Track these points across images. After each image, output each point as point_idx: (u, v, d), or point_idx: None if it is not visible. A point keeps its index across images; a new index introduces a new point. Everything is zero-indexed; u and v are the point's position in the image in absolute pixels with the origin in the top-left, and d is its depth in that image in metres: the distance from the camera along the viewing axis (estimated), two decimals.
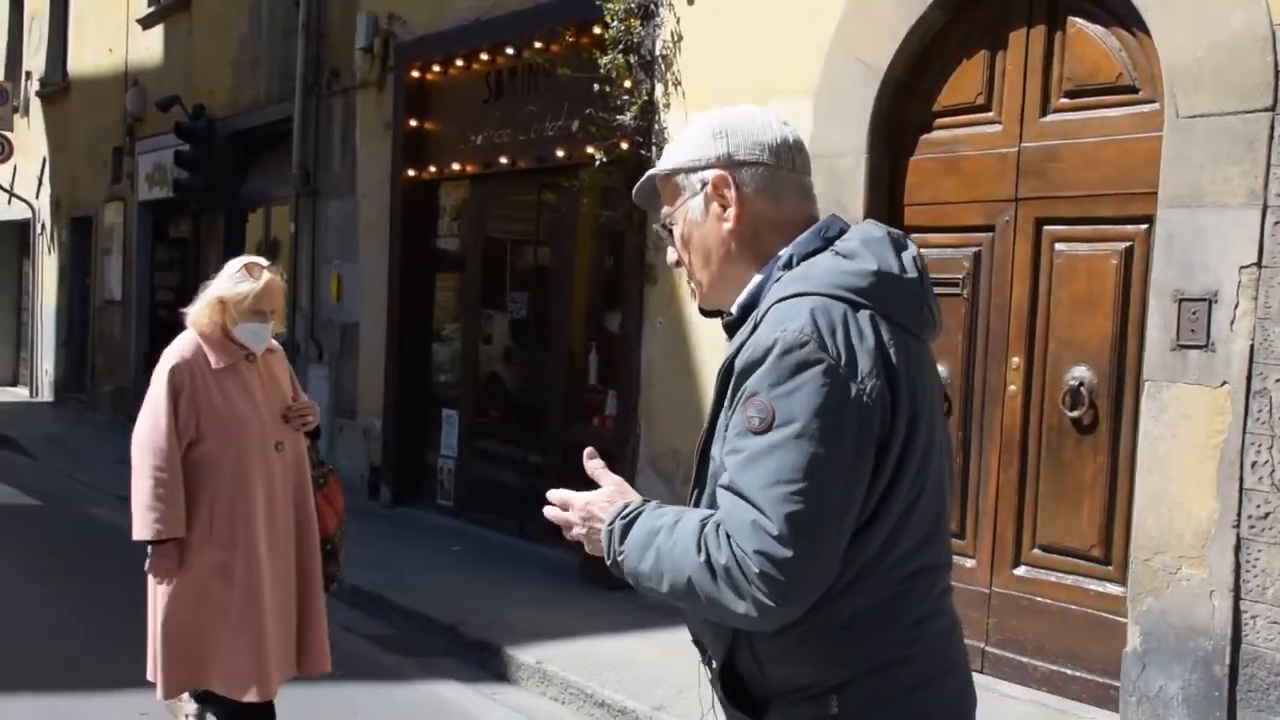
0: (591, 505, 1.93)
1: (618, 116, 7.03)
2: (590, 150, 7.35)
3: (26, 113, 17.45)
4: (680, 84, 7.02)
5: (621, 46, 7.09)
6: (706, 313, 2.04)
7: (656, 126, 7.07)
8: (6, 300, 19.10)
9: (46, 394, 17.11)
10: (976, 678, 2.03)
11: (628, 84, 7.13)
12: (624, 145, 7.11)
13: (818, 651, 1.78)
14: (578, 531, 1.94)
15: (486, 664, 5.99)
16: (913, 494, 1.81)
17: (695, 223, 1.95)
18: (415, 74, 9.31)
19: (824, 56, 6.09)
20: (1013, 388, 5.47)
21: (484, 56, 8.61)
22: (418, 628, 6.56)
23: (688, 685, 5.15)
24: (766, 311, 1.79)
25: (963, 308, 5.66)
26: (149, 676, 4.06)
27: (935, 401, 1.87)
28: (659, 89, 7.10)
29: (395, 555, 7.80)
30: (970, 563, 5.62)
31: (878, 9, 5.85)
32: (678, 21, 7.01)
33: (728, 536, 1.70)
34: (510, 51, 8.37)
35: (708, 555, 1.71)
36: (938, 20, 5.68)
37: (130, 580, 7.32)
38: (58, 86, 16.75)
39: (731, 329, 1.92)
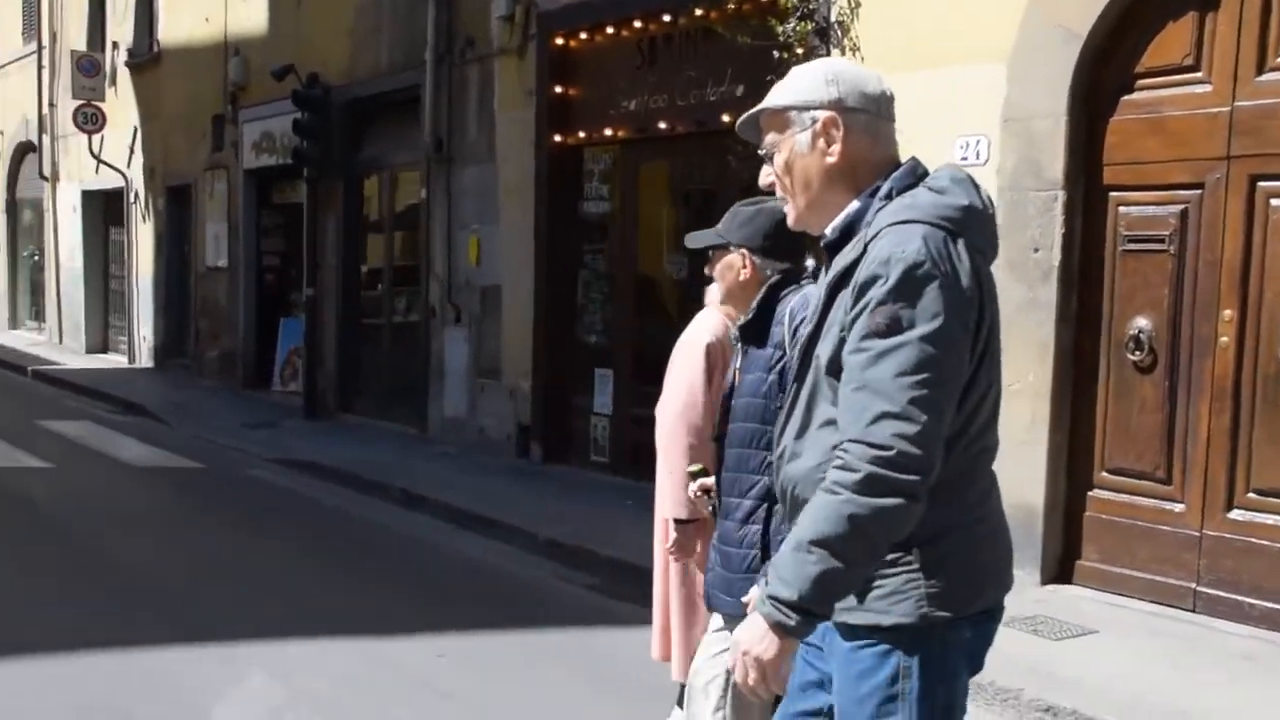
0: (737, 636, 2.17)
1: None
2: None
3: (114, 83, 17.67)
4: (859, 50, 7.24)
5: (799, 14, 7.31)
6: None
7: None
8: (94, 268, 19.42)
9: (146, 360, 17.46)
10: (1190, 616, 2.45)
11: (799, 50, 7.36)
12: None
13: None
14: (756, 671, 2.12)
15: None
16: (984, 385, 2.19)
17: (801, 153, 2.29)
18: (559, 41, 9.53)
19: (1019, 22, 6.30)
20: (1225, 339, 5.73)
21: (637, 24, 8.83)
22: (628, 578, 6.87)
23: None
24: (878, 233, 2.12)
25: (1169, 264, 5.91)
26: (655, 655, 4.07)
27: (997, 312, 2.25)
28: (834, 55, 7.32)
29: (571, 510, 8.14)
30: (1179, 507, 5.91)
31: None
32: None
33: (848, 448, 2.03)
34: (666, 19, 8.58)
35: (846, 489, 2.02)
36: None
37: (333, 539, 7.71)
38: (147, 57, 16.96)
39: (833, 248, 2.25)
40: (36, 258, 22.59)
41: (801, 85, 2.31)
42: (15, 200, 23.08)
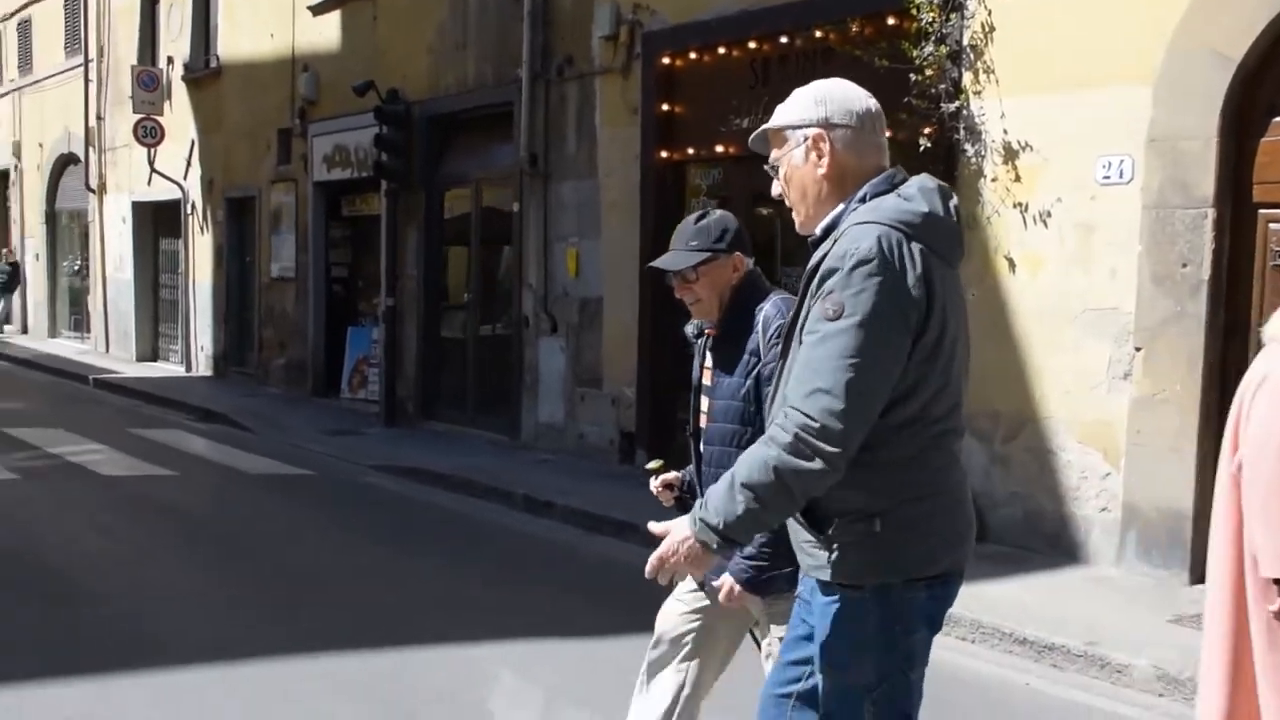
0: (664, 543, 2.58)
1: (937, 105, 7.55)
2: (886, 135, 7.92)
3: (168, 97, 17.88)
4: (993, 73, 7.54)
5: (934, 37, 7.61)
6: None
7: (965, 113, 7.60)
8: (144, 278, 19.61)
9: (204, 369, 17.67)
10: None
11: (929, 73, 7.66)
12: (926, 131, 7.65)
13: (868, 483, 2.47)
14: (674, 561, 2.56)
15: None
16: (944, 378, 2.51)
17: (796, 166, 2.64)
18: (666, 61, 9.82)
19: (1165, 47, 6.62)
20: None
21: (751, 44, 9.12)
22: None
23: (1091, 625, 5.77)
24: (844, 232, 2.45)
25: None
26: None
27: (962, 315, 2.60)
28: (967, 77, 7.62)
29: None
30: None
31: (1233, 3, 6.37)
32: (989, 13, 7.52)
33: (786, 415, 2.36)
34: (784, 40, 8.88)
35: (778, 445, 2.37)
36: None
37: (475, 545, 7.95)
38: (205, 71, 17.19)
39: (815, 245, 2.56)
40: (78, 268, 22.77)
41: (795, 106, 2.67)
42: (55, 211, 23.25)
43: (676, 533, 2.55)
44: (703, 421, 3.46)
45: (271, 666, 5.26)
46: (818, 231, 2.59)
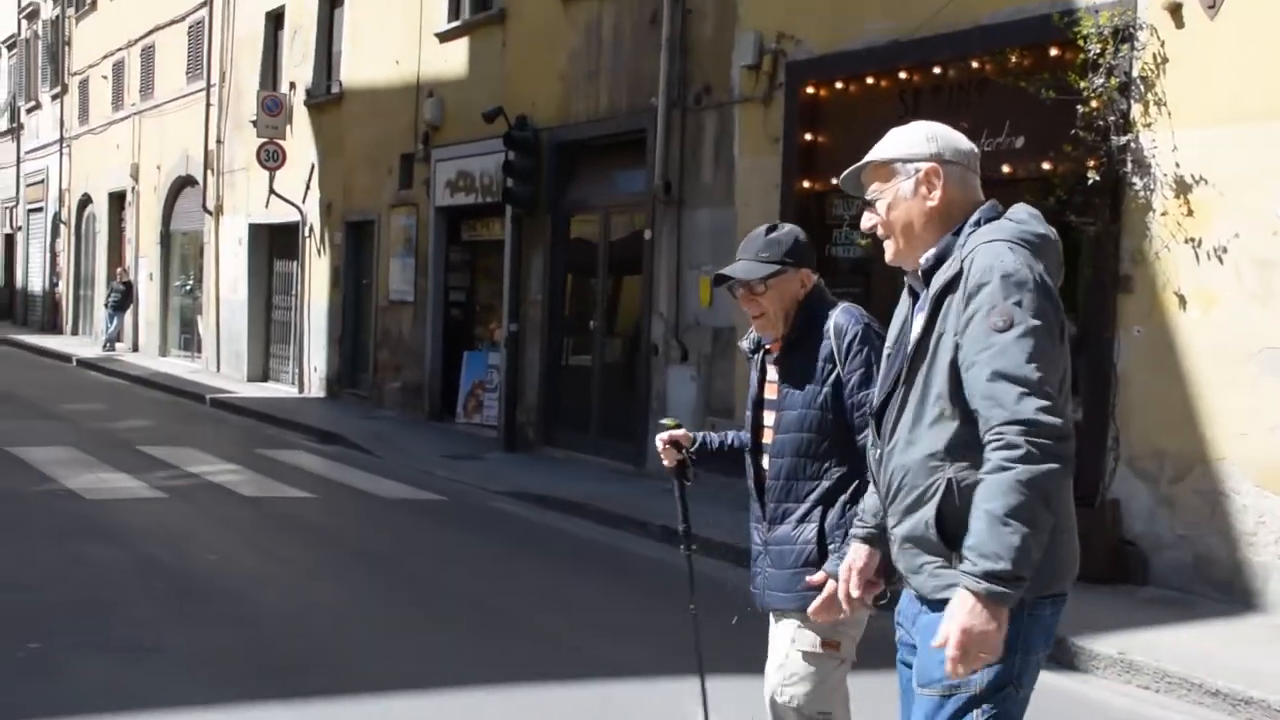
0: (950, 641, 2.41)
1: (1105, 138, 7.40)
2: (1046, 167, 7.81)
3: (290, 121, 18.21)
4: (1164, 105, 7.38)
5: (1104, 69, 7.47)
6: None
7: (1134, 146, 7.44)
8: (258, 300, 19.94)
9: (316, 390, 17.90)
10: None
11: (1095, 104, 7.51)
12: (1091, 163, 7.50)
13: None
14: (981, 651, 2.40)
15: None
16: (1067, 381, 2.53)
17: (904, 198, 2.71)
18: (810, 90, 9.77)
19: None
20: None
21: (901, 75, 9.04)
22: None
23: None
24: (973, 250, 2.52)
25: None
26: None
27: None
28: (1136, 109, 7.47)
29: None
30: None
31: None
32: (1162, 44, 7.37)
33: (1000, 429, 2.37)
34: (936, 71, 8.79)
35: (1014, 463, 2.35)
36: None
37: (625, 576, 7.89)
38: (327, 97, 17.49)
39: (928, 274, 2.62)
40: (189, 288, 23.25)
41: (905, 141, 2.75)
42: (169, 232, 23.78)
43: (960, 618, 2.38)
44: (766, 436, 3.47)
45: (476, 697, 5.23)
46: (924, 261, 2.66)
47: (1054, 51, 7.91)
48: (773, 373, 3.50)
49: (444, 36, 14.77)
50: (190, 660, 5.47)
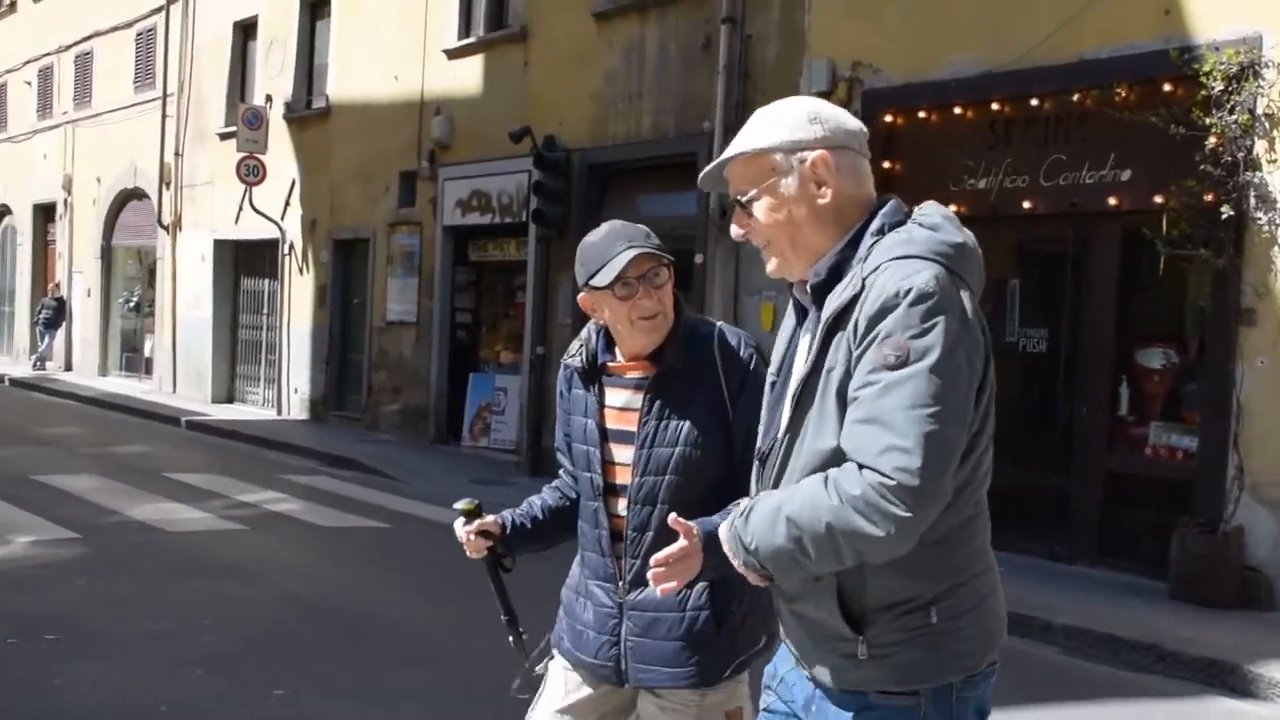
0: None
1: (1229, 174, 7.62)
2: (1157, 200, 8.03)
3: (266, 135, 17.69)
4: None
5: (1228, 106, 7.70)
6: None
7: (1258, 181, 7.68)
8: (223, 318, 19.32)
9: (297, 412, 17.39)
10: None
11: (1212, 140, 7.74)
12: (1209, 198, 7.73)
13: (918, 566, 2.05)
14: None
15: (1216, 680, 6.53)
16: (989, 431, 2.12)
17: (789, 198, 2.18)
18: (888, 119, 9.87)
19: None
20: None
21: (993, 106, 9.19)
22: (1094, 645, 7.08)
23: None
24: (877, 268, 2.04)
25: None
26: None
27: (990, 353, 2.16)
28: (1260, 145, 7.71)
29: None
30: None
31: None
32: None
33: (858, 469, 1.96)
34: (1034, 103, 8.95)
35: (840, 496, 1.96)
36: None
37: None
38: (310, 111, 17.06)
39: (820, 290, 2.14)
40: (134, 304, 22.40)
41: (784, 124, 2.20)
42: (110, 247, 22.88)
43: (722, 533, 2.19)
44: (619, 475, 2.84)
45: None
46: (813, 274, 2.17)
47: (1167, 87, 8.13)
48: (621, 397, 2.85)
49: (454, 53, 14.53)
50: (434, 708, 5.27)
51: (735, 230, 2.28)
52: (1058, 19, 8.63)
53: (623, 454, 2.82)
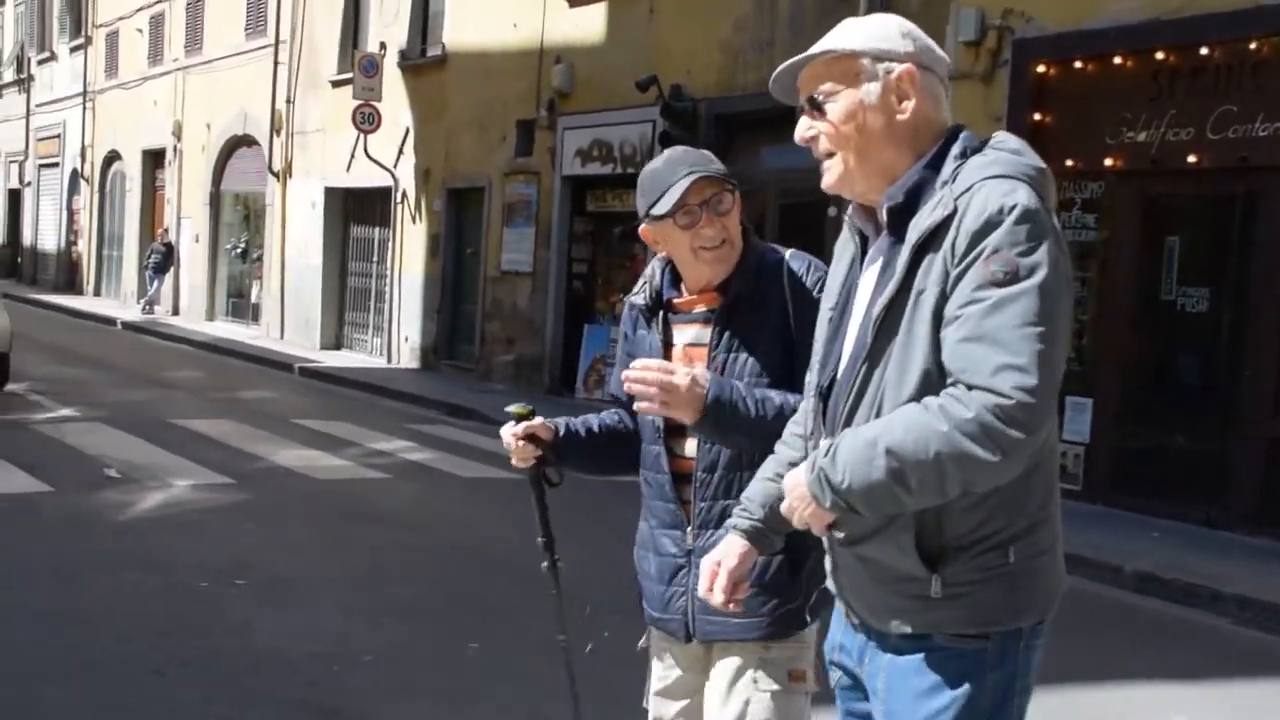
0: (785, 483, 2.14)
1: None
2: None
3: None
4: None
5: None
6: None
7: None
8: (332, 265, 19.48)
9: (407, 360, 17.52)
10: None
11: None
12: None
13: (999, 500, 1.98)
14: (792, 513, 2.10)
15: None
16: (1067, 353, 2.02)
17: (869, 105, 2.09)
18: (1040, 69, 9.58)
19: None
20: None
21: (1158, 55, 8.87)
22: (1270, 616, 6.88)
23: None
24: (969, 188, 1.96)
25: None
26: None
27: None
28: None
29: (1094, 538, 7.93)
30: None
31: None
32: None
33: (967, 390, 1.87)
34: (1203, 51, 8.62)
35: (950, 421, 1.87)
36: None
37: None
38: (425, 59, 17.04)
39: (897, 214, 2.05)
40: (242, 251, 22.69)
41: (875, 34, 2.13)
42: (219, 193, 23.17)
43: (792, 479, 2.09)
44: None
45: None
46: (888, 197, 2.07)
47: None
48: (689, 333, 2.71)
49: (576, 1, 14.37)
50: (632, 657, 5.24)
51: (801, 129, 2.16)
52: None
53: None
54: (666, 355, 2.69)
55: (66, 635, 5.07)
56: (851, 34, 2.14)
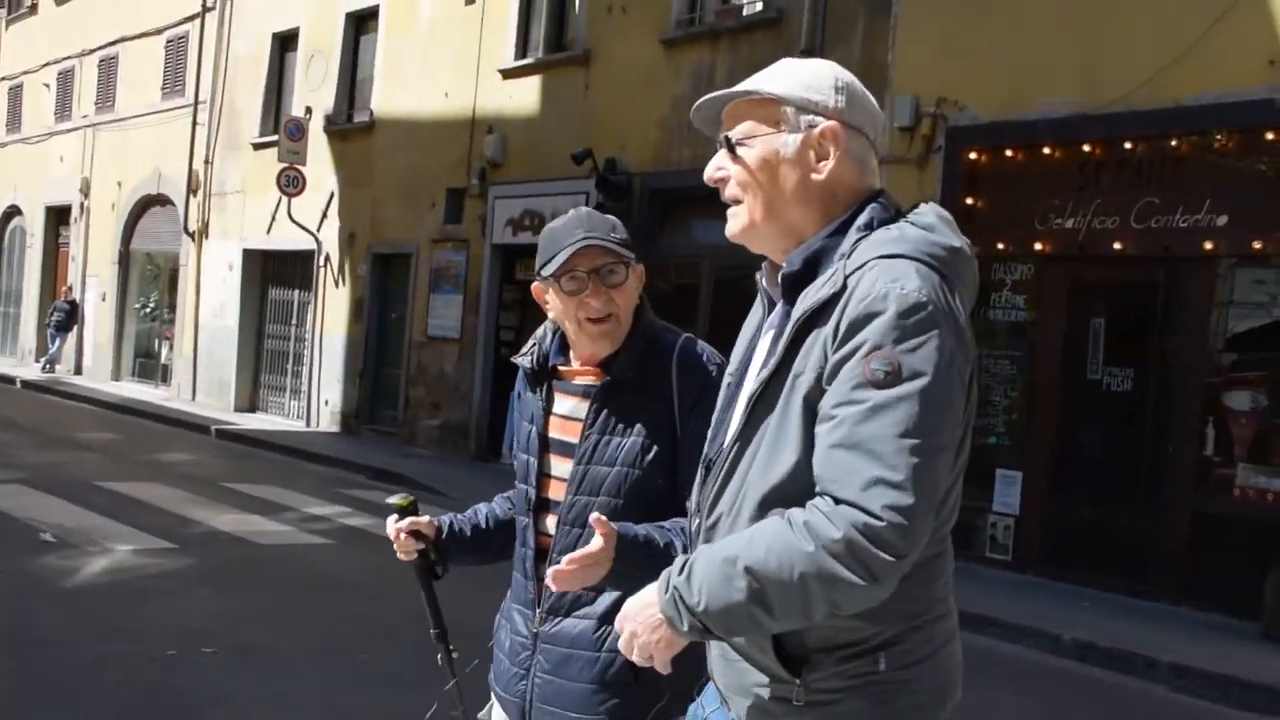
0: (627, 608, 1.92)
1: None
2: (1256, 245, 8.20)
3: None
4: None
5: None
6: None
7: None
8: (249, 327, 19.26)
9: (326, 424, 17.33)
10: None
11: None
12: None
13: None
14: (647, 643, 1.88)
15: None
16: (963, 455, 1.85)
17: (785, 158, 1.93)
18: (973, 156, 10.01)
19: None
20: None
21: (1085, 148, 9.34)
22: (1204, 683, 7.16)
23: None
24: (862, 265, 1.79)
25: None
26: None
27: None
28: None
29: (1030, 607, 8.22)
30: None
31: None
32: None
33: (834, 505, 1.70)
34: (1126, 146, 9.10)
35: (816, 541, 1.69)
36: None
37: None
38: (352, 124, 17.09)
39: (793, 283, 1.89)
40: (151, 311, 22.28)
41: (805, 82, 1.95)
42: (129, 252, 22.76)
43: (636, 611, 1.89)
44: (553, 490, 2.55)
45: None
46: (788, 263, 1.92)
47: (1270, 135, 8.31)
48: (568, 404, 2.57)
49: (510, 73, 14.59)
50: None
51: (711, 168, 2.01)
52: (1157, 64, 8.78)
53: (561, 467, 2.53)
54: (546, 422, 2.58)
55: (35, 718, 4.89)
56: (781, 77, 1.96)
